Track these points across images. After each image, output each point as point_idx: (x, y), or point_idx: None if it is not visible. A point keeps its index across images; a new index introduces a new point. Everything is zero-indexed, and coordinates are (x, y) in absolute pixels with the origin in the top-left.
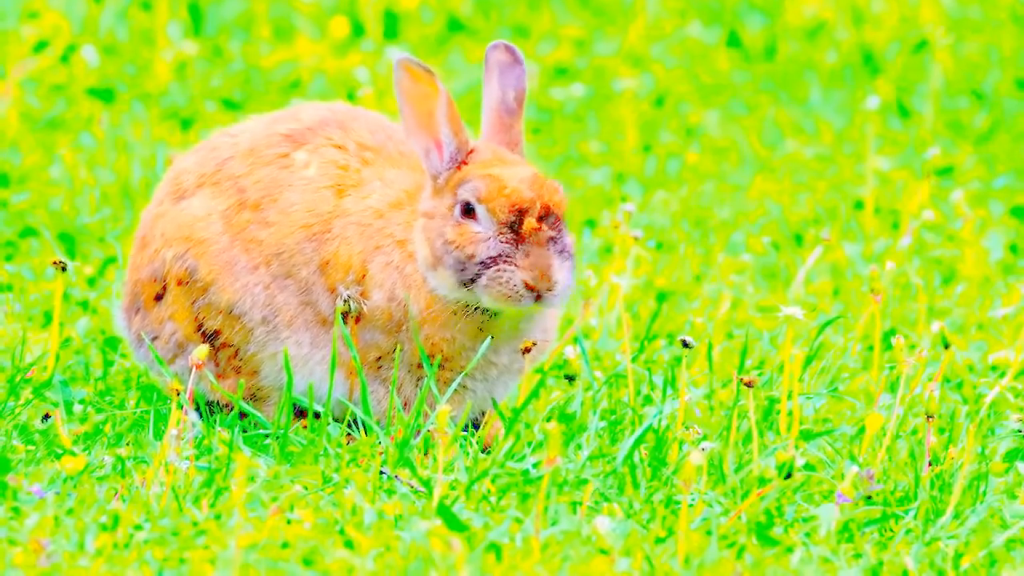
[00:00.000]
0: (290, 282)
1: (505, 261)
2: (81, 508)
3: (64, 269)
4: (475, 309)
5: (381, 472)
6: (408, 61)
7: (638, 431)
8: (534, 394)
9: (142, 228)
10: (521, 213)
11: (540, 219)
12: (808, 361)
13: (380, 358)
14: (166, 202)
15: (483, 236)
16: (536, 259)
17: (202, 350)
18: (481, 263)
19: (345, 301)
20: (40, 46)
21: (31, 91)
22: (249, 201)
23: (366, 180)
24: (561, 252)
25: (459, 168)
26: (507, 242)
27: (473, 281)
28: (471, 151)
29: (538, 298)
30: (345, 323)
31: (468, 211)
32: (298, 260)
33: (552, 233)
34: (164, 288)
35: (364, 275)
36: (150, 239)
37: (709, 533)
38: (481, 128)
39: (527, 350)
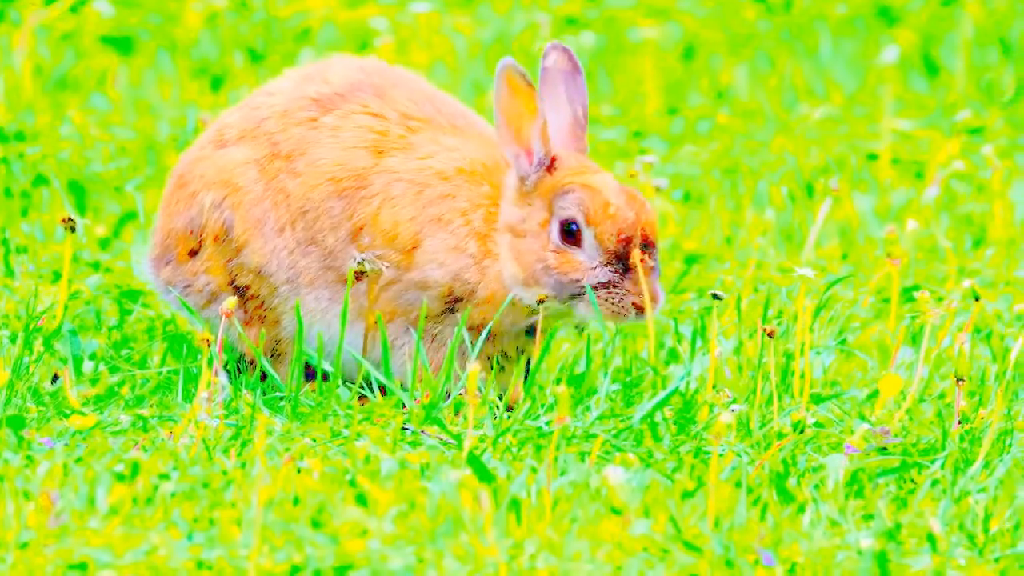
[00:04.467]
0: (312, 248)
1: (614, 285)
2: (92, 456)
3: (73, 229)
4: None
5: (404, 428)
6: (512, 68)
7: (662, 393)
8: (546, 350)
9: (180, 167)
10: (627, 243)
11: (643, 249)
12: (818, 310)
13: (425, 317)
14: (208, 148)
15: (588, 265)
16: (641, 283)
17: (232, 300)
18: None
19: (360, 263)
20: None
21: (43, 41)
22: (282, 153)
23: (418, 144)
24: (657, 273)
25: (549, 172)
26: (616, 272)
27: (574, 297)
28: (555, 158)
29: (639, 314)
30: (358, 280)
31: (569, 232)
32: (324, 224)
33: (652, 263)
34: (200, 244)
35: (415, 247)
36: (189, 179)
37: (739, 485)
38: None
39: (541, 301)
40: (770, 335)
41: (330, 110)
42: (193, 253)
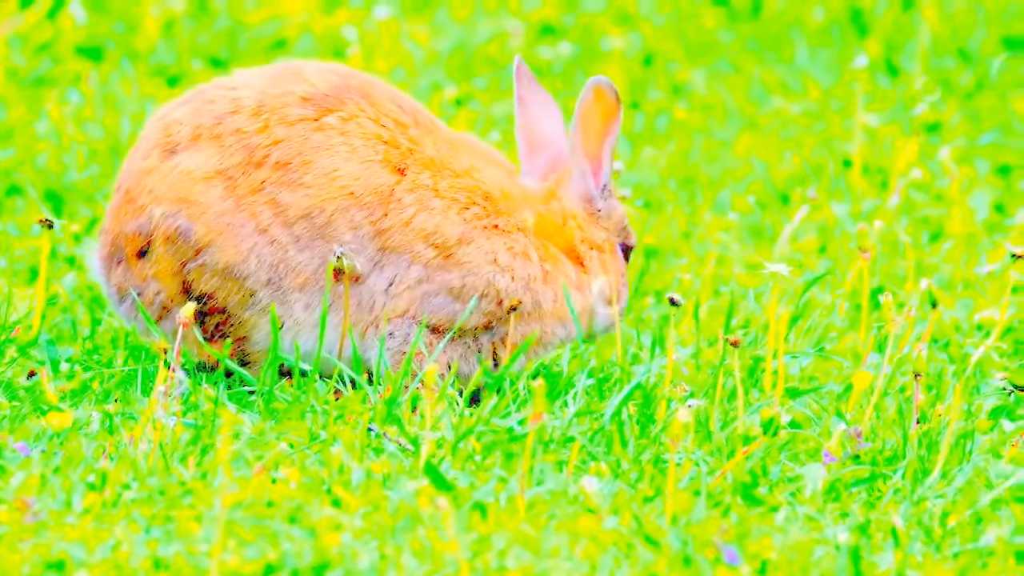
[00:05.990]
0: (319, 243)
1: None
2: (68, 466)
3: (51, 227)
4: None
5: (369, 429)
6: (604, 85)
7: (626, 388)
8: (522, 349)
9: (127, 179)
10: None
11: None
12: (794, 320)
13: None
14: (154, 156)
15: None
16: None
17: (189, 308)
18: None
19: (338, 258)
20: (25, 3)
21: (18, 50)
22: (269, 160)
23: (440, 159)
24: None
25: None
26: None
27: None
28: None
29: None
30: (337, 280)
31: (626, 254)
32: (340, 225)
33: None
34: (149, 244)
35: (462, 243)
36: (136, 194)
37: (697, 493)
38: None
39: (512, 308)
40: (734, 344)
41: (329, 110)
42: (142, 254)
